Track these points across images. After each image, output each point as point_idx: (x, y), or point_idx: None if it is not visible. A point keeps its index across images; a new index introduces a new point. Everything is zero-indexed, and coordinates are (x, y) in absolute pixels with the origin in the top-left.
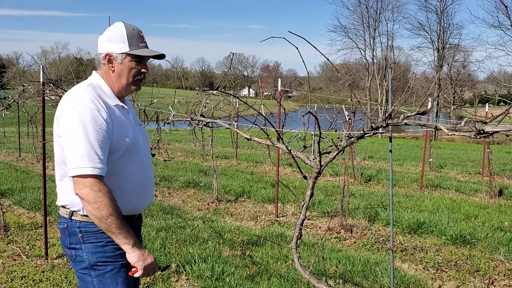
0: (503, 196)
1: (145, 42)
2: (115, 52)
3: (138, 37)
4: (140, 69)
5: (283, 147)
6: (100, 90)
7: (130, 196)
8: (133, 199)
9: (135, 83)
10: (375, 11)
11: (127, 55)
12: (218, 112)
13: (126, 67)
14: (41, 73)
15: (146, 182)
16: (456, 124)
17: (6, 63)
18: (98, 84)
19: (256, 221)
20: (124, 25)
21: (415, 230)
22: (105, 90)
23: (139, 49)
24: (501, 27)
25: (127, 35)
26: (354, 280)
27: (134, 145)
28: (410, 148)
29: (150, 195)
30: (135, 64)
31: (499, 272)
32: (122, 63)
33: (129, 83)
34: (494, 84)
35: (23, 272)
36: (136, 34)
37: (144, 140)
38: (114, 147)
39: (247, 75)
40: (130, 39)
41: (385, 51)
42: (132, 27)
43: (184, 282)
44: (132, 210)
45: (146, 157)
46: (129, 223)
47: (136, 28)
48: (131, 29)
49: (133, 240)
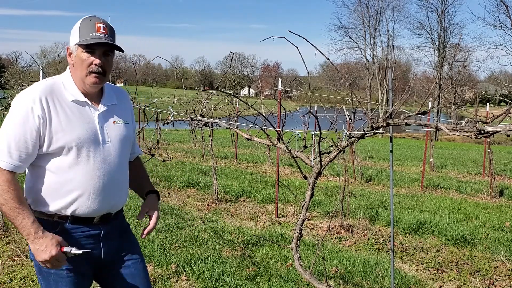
0: (503, 196)
1: (101, 32)
2: (71, 45)
3: (92, 27)
4: (92, 60)
5: (283, 147)
6: (58, 86)
7: (73, 196)
8: (79, 200)
9: (90, 76)
10: (376, 11)
11: (78, 46)
12: (218, 112)
13: (78, 58)
14: (41, 73)
15: (103, 184)
16: (456, 124)
17: (6, 63)
18: (62, 79)
19: (256, 221)
20: (84, 18)
21: (415, 230)
22: (66, 85)
23: (88, 39)
24: (502, 27)
25: (79, 26)
26: (354, 280)
27: (83, 143)
28: (411, 148)
29: (111, 199)
30: (87, 56)
31: (499, 273)
32: (76, 55)
33: (84, 75)
34: (494, 84)
35: (23, 272)
36: (91, 24)
37: (114, 140)
38: (50, 143)
39: (247, 75)
40: (82, 29)
41: (385, 51)
42: (91, 18)
43: (184, 283)
44: (80, 212)
45: (110, 158)
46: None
47: (96, 19)
48: (88, 20)
49: (32, 233)
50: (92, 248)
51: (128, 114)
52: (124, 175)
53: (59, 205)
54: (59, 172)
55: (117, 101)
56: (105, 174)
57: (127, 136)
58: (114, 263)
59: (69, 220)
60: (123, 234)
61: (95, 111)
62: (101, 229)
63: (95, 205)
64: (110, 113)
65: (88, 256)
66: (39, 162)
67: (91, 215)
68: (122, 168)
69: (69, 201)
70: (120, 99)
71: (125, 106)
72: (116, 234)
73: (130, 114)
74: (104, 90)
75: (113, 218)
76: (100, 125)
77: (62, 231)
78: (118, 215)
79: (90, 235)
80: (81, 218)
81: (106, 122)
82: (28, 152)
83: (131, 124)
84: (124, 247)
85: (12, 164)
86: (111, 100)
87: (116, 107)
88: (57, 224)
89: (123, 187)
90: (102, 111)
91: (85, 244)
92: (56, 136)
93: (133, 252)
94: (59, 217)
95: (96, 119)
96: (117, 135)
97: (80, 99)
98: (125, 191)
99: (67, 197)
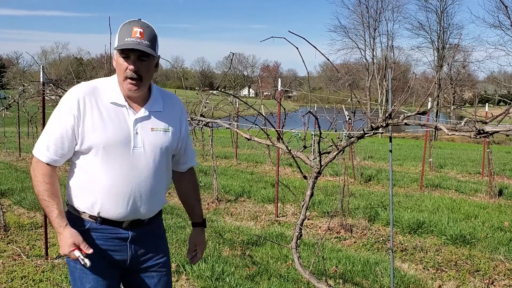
0: (503, 196)
1: (137, 37)
2: (114, 50)
3: (128, 31)
4: (126, 65)
5: (283, 147)
6: (101, 87)
7: (97, 197)
8: (103, 203)
9: (126, 81)
10: (375, 11)
11: (116, 51)
12: (218, 112)
13: (117, 63)
14: (41, 73)
15: (129, 190)
16: (456, 124)
17: (6, 63)
18: (109, 81)
19: (256, 221)
20: (125, 22)
21: (415, 230)
22: (110, 87)
23: (123, 43)
24: (501, 27)
25: (119, 31)
26: (354, 280)
27: (112, 146)
28: (410, 148)
29: (139, 206)
30: (122, 60)
31: (499, 272)
32: (115, 59)
33: (121, 80)
34: (494, 84)
35: (23, 272)
36: (129, 29)
37: (148, 147)
38: (82, 142)
39: (247, 75)
40: (121, 34)
41: (385, 51)
42: (130, 23)
43: (184, 282)
44: (104, 215)
45: (140, 164)
46: (116, 227)
47: (134, 23)
48: (127, 25)
49: (56, 226)
50: (119, 250)
51: (175, 122)
52: (158, 183)
53: (87, 203)
54: (88, 172)
55: (163, 108)
56: (133, 180)
57: (165, 145)
58: (139, 270)
59: (98, 220)
60: (155, 241)
61: (133, 115)
62: (130, 233)
63: (120, 210)
64: (151, 119)
65: (113, 259)
66: (75, 159)
67: (117, 219)
68: (154, 176)
69: (93, 201)
70: (168, 105)
71: (172, 114)
72: (146, 240)
73: (177, 122)
74: (151, 95)
75: (146, 223)
76: (134, 130)
77: (90, 229)
78: (153, 221)
79: (118, 238)
80: (109, 220)
81: (142, 128)
82: (64, 148)
83: (175, 133)
84: (153, 255)
85: (49, 157)
86: (156, 107)
87: (159, 114)
88: (86, 222)
89: (155, 195)
90: (141, 116)
91: (111, 245)
92: (87, 135)
93: (161, 262)
94: (90, 216)
95: (132, 123)
96: (152, 142)
97: (119, 102)
98: (159, 200)
99: (92, 197)
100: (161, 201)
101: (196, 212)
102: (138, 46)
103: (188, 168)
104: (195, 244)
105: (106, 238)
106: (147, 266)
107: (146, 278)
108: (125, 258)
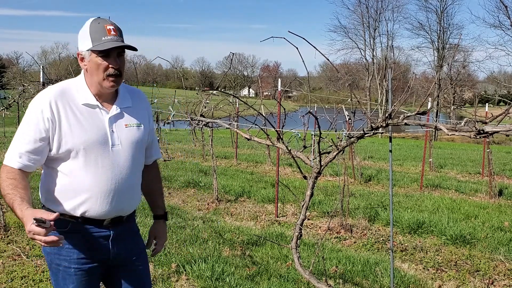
0: (503, 196)
1: (112, 34)
2: (83, 50)
3: (102, 30)
4: (107, 64)
5: (283, 147)
6: (70, 89)
7: (82, 198)
8: (88, 203)
9: (108, 80)
10: (375, 11)
11: (92, 52)
12: (218, 112)
13: (93, 63)
14: (41, 73)
15: (112, 187)
16: (456, 124)
17: (6, 63)
18: (76, 83)
19: (256, 221)
20: (91, 21)
21: (415, 230)
22: (78, 89)
23: (102, 43)
24: (501, 27)
25: (90, 30)
26: (354, 280)
27: (91, 147)
28: (410, 148)
29: (121, 202)
30: (101, 60)
31: (499, 272)
32: (90, 60)
33: (101, 79)
34: (494, 84)
35: (23, 272)
36: (101, 27)
37: (125, 144)
38: (59, 146)
39: (247, 75)
40: (93, 33)
41: (385, 51)
42: (99, 21)
43: (184, 282)
44: (89, 214)
45: (119, 161)
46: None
47: (104, 22)
48: (96, 24)
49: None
50: (100, 248)
51: (144, 116)
52: (136, 178)
53: (69, 206)
54: (70, 175)
55: (132, 103)
56: (114, 177)
57: (140, 139)
58: (121, 266)
59: (79, 220)
60: (134, 238)
61: (106, 114)
62: (111, 231)
63: (104, 208)
64: (123, 116)
65: (96, 258)
66: (51, 164)
67: (101, 217)
68: (133, 171)
69: (78, 203)
70: (136, 100)
71: (141, 108)
72: (126, 237)
73: (146, 115)
74: (119, 92)
75: (124, 221)
76: (110, 128)
77: (72, 230)
78: (130, 219)
79: (100, 236)
80: (91, 219)
81: (117, 125)
82: (37, 153)
83: (146, 127)
84: (133, 251)
85: (21, 163)
86: (125, 103)
87: (130, 110)
88: (67, 223)
89: (134, 190)
90: (114, 114)
91: (94, 244)
92: (65, 138)
93: (140, 258)
94: (70, 216)
95: (107, 122)
96: (128, 138)
97: (91, 102)
98: (137, 195)
99: (76, 199)
100: (140, 196)
101: (159, 205)
102: (119, 42)
103: (153, 161)
104: (155, 237)
105: (88, 238)
106: (127, 262)
107: (126, 273)
108: (107, 257)
